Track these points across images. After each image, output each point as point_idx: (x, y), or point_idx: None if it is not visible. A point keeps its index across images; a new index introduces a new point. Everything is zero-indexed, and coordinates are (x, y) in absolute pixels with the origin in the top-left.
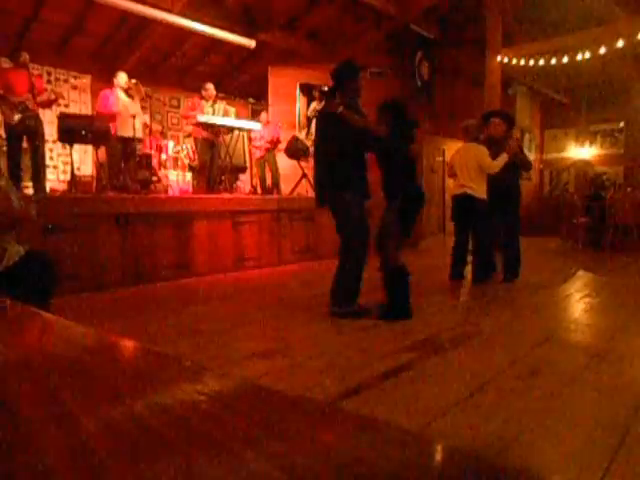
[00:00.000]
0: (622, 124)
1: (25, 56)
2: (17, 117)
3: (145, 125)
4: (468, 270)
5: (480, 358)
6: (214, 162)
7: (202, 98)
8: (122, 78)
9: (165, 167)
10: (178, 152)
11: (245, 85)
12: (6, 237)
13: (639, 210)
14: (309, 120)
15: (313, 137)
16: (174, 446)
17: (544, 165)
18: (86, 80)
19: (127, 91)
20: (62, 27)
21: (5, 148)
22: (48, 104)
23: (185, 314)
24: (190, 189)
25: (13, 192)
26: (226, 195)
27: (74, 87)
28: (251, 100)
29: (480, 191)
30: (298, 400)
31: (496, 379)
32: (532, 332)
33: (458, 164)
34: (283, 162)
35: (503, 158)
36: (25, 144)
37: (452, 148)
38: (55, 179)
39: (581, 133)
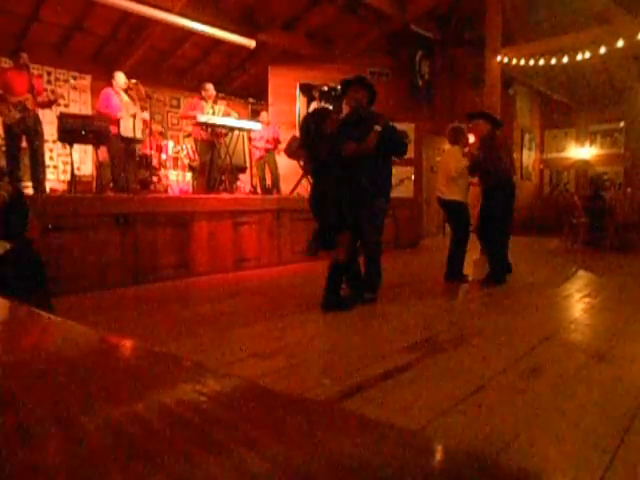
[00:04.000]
0: (622, 124)
1: (25, 56)
2: (16, 117)
3: (145, 122)
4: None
5: (480, 358)
6: (214, 162)
7: (202, 98)
8: (120, 79)
9: (165, 167)
10: (178, 152)
11: (245, 85)
12: None
13: (639, 210)
14: None
15: None
16: (174, 446)
17: (544, 165)
18: (86, 80)
19: (127, 91)
20: (62, 27)
21: (4, 148)
22: (47, 105)
23: (185, 314)
24: (190, 189)
25: None
26: (226, 195)
27: (74, 87)
28: (251, 100)
29: (449, 193)
30: (298, 400)
31: (496, 379)
32: (532, 332)
33: (438, 167)
34: (283, 162)
35: (464, 162)
36: (24, 144)
37: None
38: (55, 179)
39: (581, 133)
